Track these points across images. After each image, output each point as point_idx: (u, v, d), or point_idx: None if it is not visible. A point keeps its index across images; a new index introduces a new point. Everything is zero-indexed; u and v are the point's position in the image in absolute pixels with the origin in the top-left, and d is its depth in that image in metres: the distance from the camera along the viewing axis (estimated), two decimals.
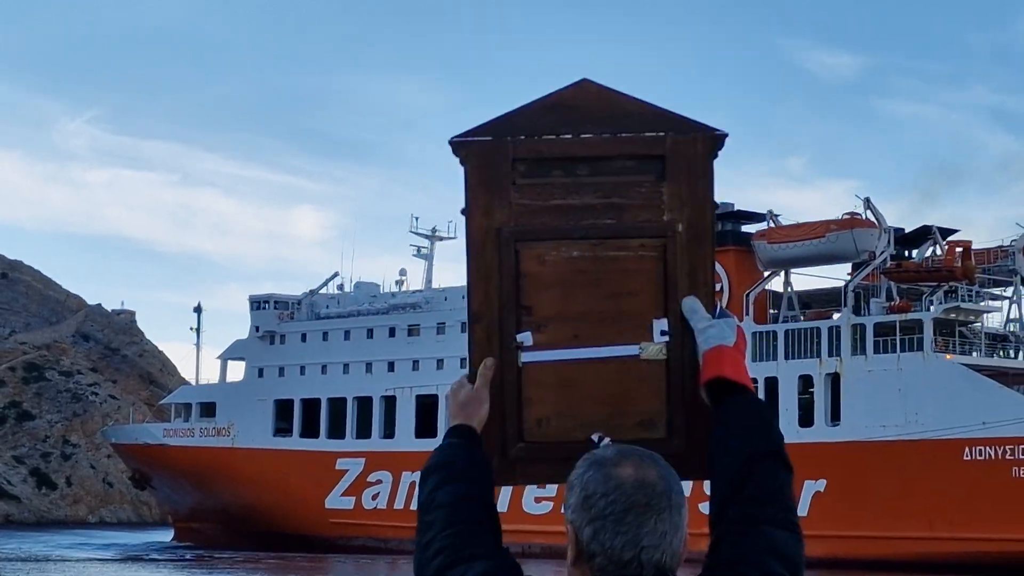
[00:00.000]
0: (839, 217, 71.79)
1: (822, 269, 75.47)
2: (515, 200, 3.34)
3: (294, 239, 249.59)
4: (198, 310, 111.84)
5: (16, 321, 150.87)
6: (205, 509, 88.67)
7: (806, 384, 69.23)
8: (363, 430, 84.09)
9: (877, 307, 69.40)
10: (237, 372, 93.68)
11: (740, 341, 3.17)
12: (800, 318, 72.32)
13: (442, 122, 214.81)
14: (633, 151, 3.35)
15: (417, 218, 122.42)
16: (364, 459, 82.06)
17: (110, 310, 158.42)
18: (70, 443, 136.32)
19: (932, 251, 72.54)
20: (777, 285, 74.67)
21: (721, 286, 71.64)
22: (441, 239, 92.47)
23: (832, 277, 75.84)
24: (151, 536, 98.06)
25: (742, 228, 76.71)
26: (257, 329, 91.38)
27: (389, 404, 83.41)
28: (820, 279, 76.84)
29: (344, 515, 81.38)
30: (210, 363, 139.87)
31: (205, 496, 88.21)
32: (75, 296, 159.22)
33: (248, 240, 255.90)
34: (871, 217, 71.61)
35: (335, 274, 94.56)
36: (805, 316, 72.70)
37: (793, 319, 72.27)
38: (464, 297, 4.06)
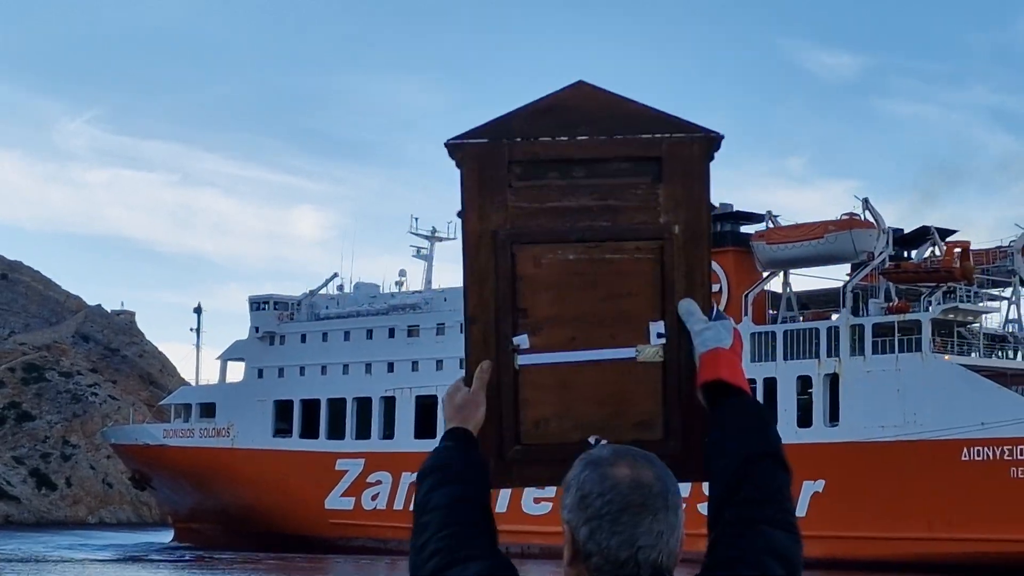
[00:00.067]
0: (838, 218, 71.80)
1: (821, 270, 75.53)
2: (511, 202, 3.33)
3: (294, 239, 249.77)
4: (198, 310, 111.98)
5: (16, 322, 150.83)
6: (205, 510, 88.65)
7: (805, 385, 69.23)
8: (363, 431, 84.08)
9: (876, 308, 69.40)
10: (237, 373, 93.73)
11: (737, 343, 3.17)
12: (799, 319, 72.32)
13: (442, 122, 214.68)
14: (629, 153, 3.34)
15: (417, 219, 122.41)
16: (364, 460, 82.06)
17: (110, 311, 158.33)
18: (70, 444, 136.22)
19: (931, 252, 72.52)
20: (776, 286, 74.66)
21: (720, 286, 71.66)
22: (441, 240, 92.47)
23: (831, 278, 75.91)
24: (151, 537, 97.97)
25: (741, 229, 76.67)
26: (257, 330, 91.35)
27: (389, 405, 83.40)
28: (819, 280, 76.84)
29: (344, 516, 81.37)
30: (210, 364, 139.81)
31: (205, 497, 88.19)
32: (75, 297, 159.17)
33: (248, 240, 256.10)
34: (870, 218, 71.60)
35: (334, 275, 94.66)
36: (804, 317, 72.69)
37: (792, 320, 72.26)
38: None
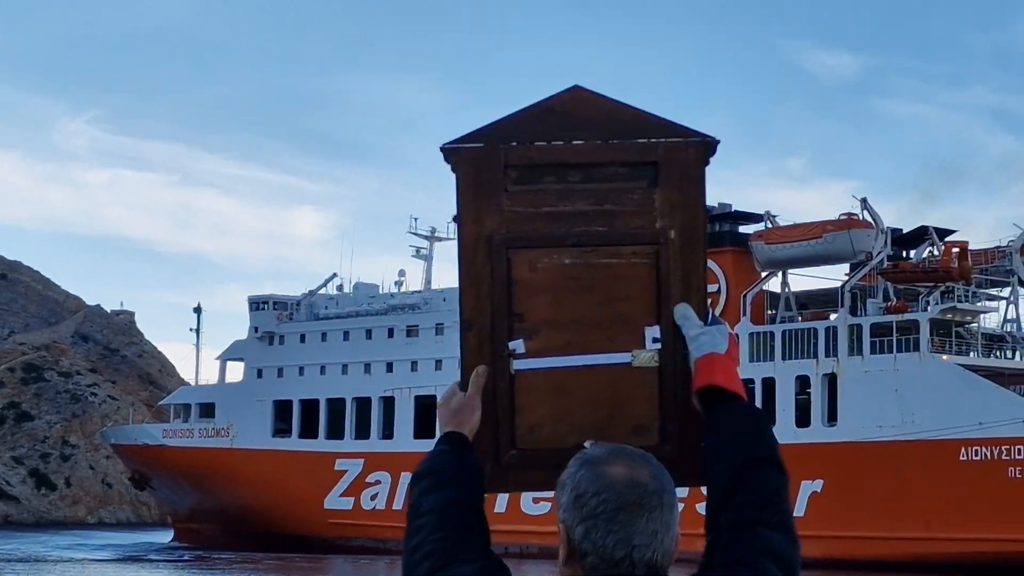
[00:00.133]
0: (836, 218, 71.81)
1: (819, 270, 75.53)
2: (507, 207, 3.33)
3: (294, 239, 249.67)
4: (198, 310, 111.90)
5: (15, 322, 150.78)
6: (204, 510, 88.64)
7: (803, 384, 69.25)
8: (362, 431, 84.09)
9: (874, 308, 69.40)
10: (236, 373, 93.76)
11: (732, 348, 3.17)
12: (797, 319, 72.32)
13: (442, 122, 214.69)
14: (625, 158, 3.33)
15: (416, 219, 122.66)
16: (363, 460, 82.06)
17: (109, 311, 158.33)
18: (69, 444, 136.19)
19: (929, 252, 72.53)
20: (774, 286, 74.66)
21: (718, 286, 71.70)
22: (440, 240, 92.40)
23: (829, 278, 75.91)
24: (150, 537, 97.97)
25: (739, 229, 76.70)
26: (256, 330, 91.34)
27: (388, 405, 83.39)
28: (817, 280, 76.84)
29: (343, 515, 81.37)
30: (209, 364, 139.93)
31: (204, 497, 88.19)
32: (74, 297, 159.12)
33: (248, 240, 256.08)
34: (868, 218, 71.61)
35: (333, 275, 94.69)
36: (802, 317, 72.69)
37: (790, 320, 72.27)
38: None
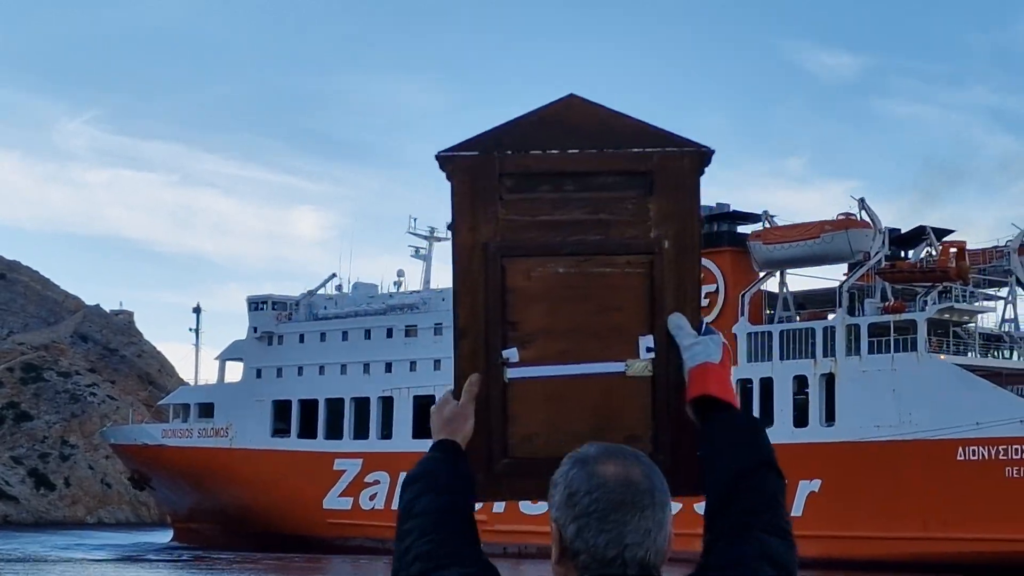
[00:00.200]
0: (835, 218, 71.82)
1: (817, 270, 75.50)
2: (502, 215, 3.33)
3: (294, 239, 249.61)
4: (197, 311, 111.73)
5: (14, 322, 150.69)
6: (204, 510, 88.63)
7: (801, 384, 69.24)
8: (361, 431, 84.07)
9: (872, 308, 69.41)
10: (235, 373, 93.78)
11: (726, 358, 3.18)
12: (795, 319, 72.33)
13: (442, 122, 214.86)
14: (620, 167, 3.34)
15: (415, 219, 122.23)
16: (362, 460, 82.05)
17: (108, 311, 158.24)
18: (68, 444, 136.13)
19: (927, 252, 72.52)
20: (772, 286, 74.63)
21: (716, 286, 71.74)
22: (439, 240, 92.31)
23: (827, 278, 75.92)
24: (150, 537, 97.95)
25: (737, 229, 76.68)
26: (255, 330, 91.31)
27: (387, 405, 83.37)
28: (815, 280, 76.84)
29: (342, 515, 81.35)
30: (208, 364, 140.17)
31: (203, 497, 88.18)
32: (73, 297, 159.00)
33: (248, 240, 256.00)
34: (866, 218, 71.62)
35: (333, 275, 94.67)
36: (800, 317, 72.70)
37: (788, 320, 72.26)
38: None
